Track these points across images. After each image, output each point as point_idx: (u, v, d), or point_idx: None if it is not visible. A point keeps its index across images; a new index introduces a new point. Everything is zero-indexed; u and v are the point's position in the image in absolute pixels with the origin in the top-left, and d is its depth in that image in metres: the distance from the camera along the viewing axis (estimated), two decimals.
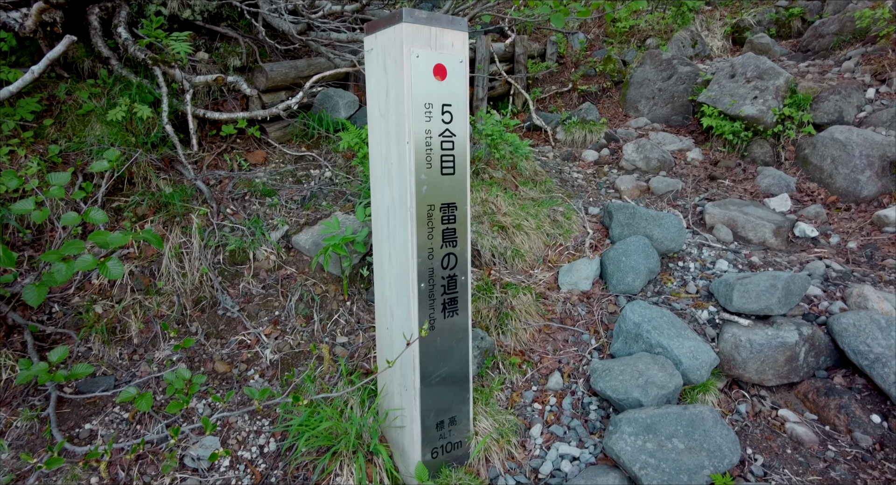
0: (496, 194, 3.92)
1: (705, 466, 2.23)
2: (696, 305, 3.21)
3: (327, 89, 4.41)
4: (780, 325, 2.92)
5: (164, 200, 3.41)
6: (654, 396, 2.54)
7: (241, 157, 3.98)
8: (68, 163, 3.42)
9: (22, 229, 3.10)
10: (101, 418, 2.54)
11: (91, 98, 3.66)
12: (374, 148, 2.37)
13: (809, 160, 4.87)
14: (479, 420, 2.55)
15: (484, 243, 3.55)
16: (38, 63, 3.08)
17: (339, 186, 3.88)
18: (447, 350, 2.33)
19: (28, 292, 2.39)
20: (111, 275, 2.29)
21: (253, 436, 2.56)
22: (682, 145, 5.55)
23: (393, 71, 2.13)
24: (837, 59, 6.25)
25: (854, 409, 2.64)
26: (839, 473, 2.38)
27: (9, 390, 2.56)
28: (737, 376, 2.86)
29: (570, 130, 5.75)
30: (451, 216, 2.27)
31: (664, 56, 6.45)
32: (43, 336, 2.82)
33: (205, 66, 4.15)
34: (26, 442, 2.40)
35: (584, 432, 2.62)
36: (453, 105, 2.20)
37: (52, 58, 3.07)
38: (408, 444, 2.36)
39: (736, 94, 5.39)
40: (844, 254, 3.80)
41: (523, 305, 3.24)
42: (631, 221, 3.74)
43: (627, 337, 2.94)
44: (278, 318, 3.10)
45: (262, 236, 3.40)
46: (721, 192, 4.73)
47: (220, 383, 2.79)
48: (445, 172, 2.21)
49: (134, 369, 2.78)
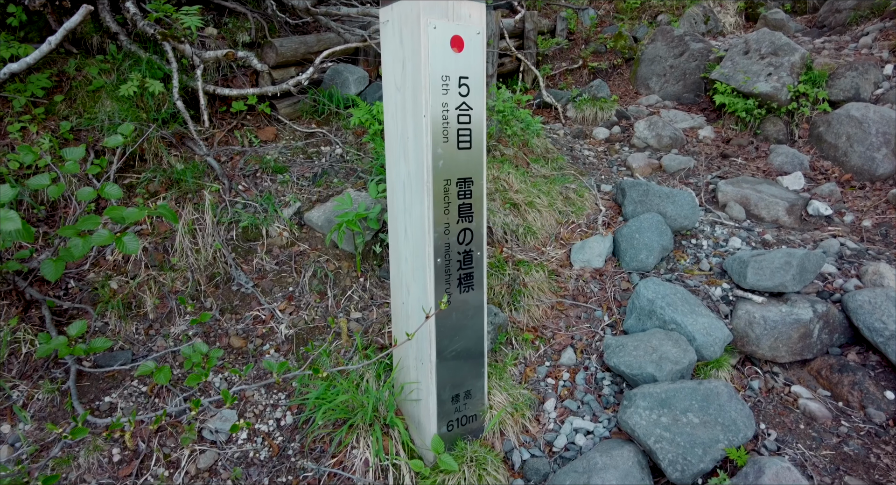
0: (508, 172, 3.90)
1: (720, 440, 2.24)
2: (710, 282, 3.20)
3: (337, 65, 4.37)
4: (795, 302, 2.91)
5: (175, 176, 3.40)
6: (669, 371, 2.55)
7: (252, 133, 3.95)
8: (80, 139, 3.41)
9: (36, 206, 3.11)
10: (121, 392, 2.57)
11: (101, 74, 3.64)
12: (389, 122, 2.35)
13: (824, 138, 4.81)
14: (494, 394, 2.56)
15: (496, 221, 3.54)
16: (55, 33, 3.05)
17: (351, 162, 3.87)
18: (462, 325, 2.34)
19: (46, 267, 2.41)
20: (127, 250, 2.30)
21: (270, 409, 2.59)
22: (693, 123, 5.49)
23: (409, 43, 2.09)
24: (854, 35, 6.13)
25: (868, 385, 2.65)
26: (852, 448, 2.40)
27: (29, 363, 2.59)
28: (750, 353, 2.87)
29: (581, 107, 5.69)
30: (468, 191, 2.25)
31: (676, 32, 6.35)
32: (60, 311, 2.85)
33: (214, 41, 4.11)
34: (48, 414, 2.43)
35: (598, 406, 2.64)
36: (470, 78, 2.17)
37: (68, 28, 3.05)
38: (423, 417, 2.38)
39: (749, 70, 5.31)
40: (859, 232, 3.78)
41: (536, 282, 3.24)
42: (644, 197, 3.71)
43: (641, 314, 2.94)
44: (292, 294, 3.11)
45: (275, 213, 3.40)
46: (733, 170, 4.68)
47: (235, 357, 2.81)
48: (462, 146, 2.19)
49: (150, 343, 2.81)
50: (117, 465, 2.30)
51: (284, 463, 2.39)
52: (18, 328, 2.67)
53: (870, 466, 2.32)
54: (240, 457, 2.39)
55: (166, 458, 2.34)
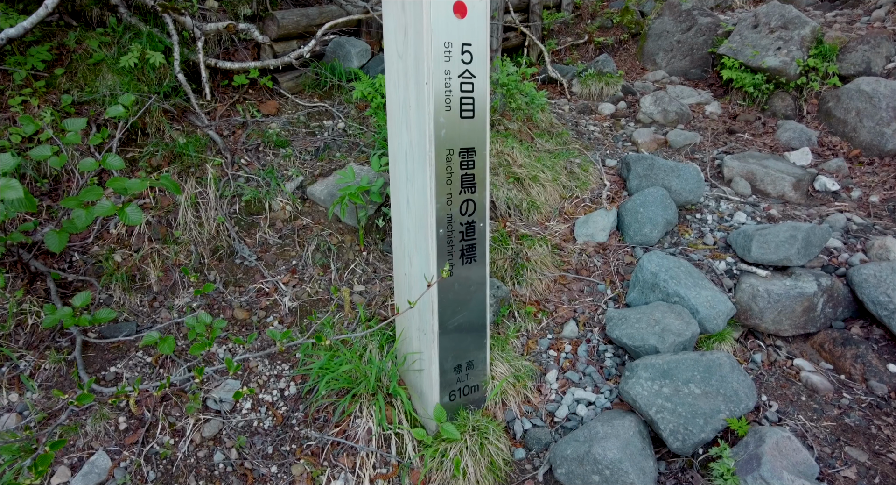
0: (512, 146, 3.86)
1: (721, 410, 2.25)
2: (714, 256, 3.18)
3: (339, 38, 4.31)
4: (799, 276, 2.90)
5: (178, 150, 3.39)
6: (671, 343, 2.55)
7: (254, 107, 3.93)
8: (81, 113, 3.39)
9: (39, 179, 3.11)
10: (126, 362, 2.59)
11: (101, 47, 3.60)
12: (391, 91, 2.33)
13: (833, 113, 4.74)
14: (496, 365, 2.58)
15: (500, 195, 3.52)
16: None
17: (353, 137, 3.84)
18: (465, 297, 2.34)
19: (50, 238, 2.41)
20: (130, 221, 2.30)
21: (273, 380, 2.61)
22: (700, 99, 5.42)
23: (412, 8, 2.06)
24: (867, 8, 6.00)
25: (870, 358, 2.64)
26: (853, 419, 2.40)
27: (35, 334, 2.62)
28: (753, 326, 2.87)
29: (587, 82, 5.62)
30: (471, 161, 2.23)
31: (684, 7, 6.23)
32: (65, 283, 2.86)
33: (215, 14, 4.05)
34: (55, 383, 2.46)
35: (600, 378, 2.65)
36: (473, 45, 2.13)
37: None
38: (426, 387, 2.40)
39: (758, 45, 5.21)
40: (866, 207, 3.74)
41: (539, 256, 3.23)
42: (649, 172, 3.68)
43: (644, 287, 2.93)
44: (295, 267, 3.12)
45: (278, 187, 3.39)
46: (740, 145, 4.63)
47: (239, 329, 2.83)
48: (465, 115, 2.17)
49: (154, 315, 2.83)
50: (123, 433, 2.33)
51: (288, 432, 2.41)
52: (24, 300, 2.69)
53: (870, 437, 2.32)
54: (244, 426, 2.42)
55: (171, 427, 2.37)
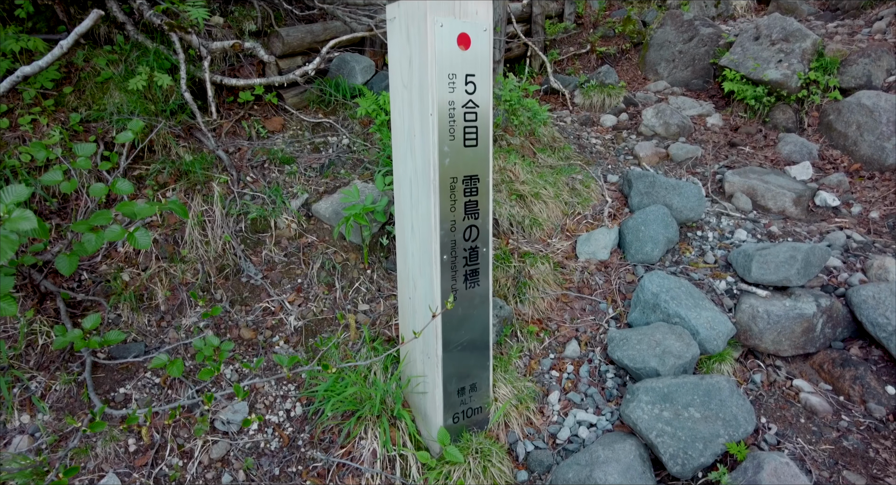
0: (514, 162, 3.90)
1: (720, 434, 2.28)
2: (714, 275, 3.22)
3: (343, 54, 4.35)
4: (799, 296, 2.93)
5: (184, 168, 3.43)
6: (671, 365, 2.59)
7: (259, 123, 3.97)
8: (89, 131, 3.44)
9: (49, 198, 3.15)
10: (135, 383, 2.63)
11: (109, 65, 3.65)
12: (396, 119, 2.36)
13: (833, 126, 4.77)
14: (499, 387, 2.61)
15: (502, 212, 3.56)
16: (67, 38, 3.08)
17: (357, 153, 3.88)
18: (468, 319, 2.38)
19: (60, 262, 2.45)
20: (139, 245, 2.34)
21: (280, 400, 2.65)
22: (702, 110, 5.45)
23: (416, 40, 2.10)
24: (868, 19, 6.03)
25: (869, 380, 2.67)
26: (852, 442, 2.44)
27: (46, 354, 2.66)
28: (753, 346, 2.90)
29: (589, 93, 5.66)
30: (474, 188, 2.27)
31: (685, 17, 6.26)
32: (74, 303, 2.91)
33: (220, 30, 4.10)
34: (66, 404, 2.51)
35: (601, 399, 2.69)
36: (477, 75, 2.17)
37: (79, 33, 3.09)
38: (430, 409, 2.43)
39: (760, 57, 5.24)
40: (866, 224, 3.77)
41: (541, 274, 3.26)
42: (650, 189, 3.71)
43: (645, 307, 2.97)
44: (301, 285, 3.16)
45: (283, 205, 3.43)
46: (741, 159, 4.66)
47: (246, 348, 2.87)
48: (468, 143, 2.21)
49: (163, 335, 2.87)
50: (133, 455, 2.37)
51: (294, 453, 2.45)
52: (34, 320, 2.73)
53: (868, 460, 2.36)
54: (251, 447, 2.46)
55: (180, 448, 2.41)
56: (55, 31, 3.73)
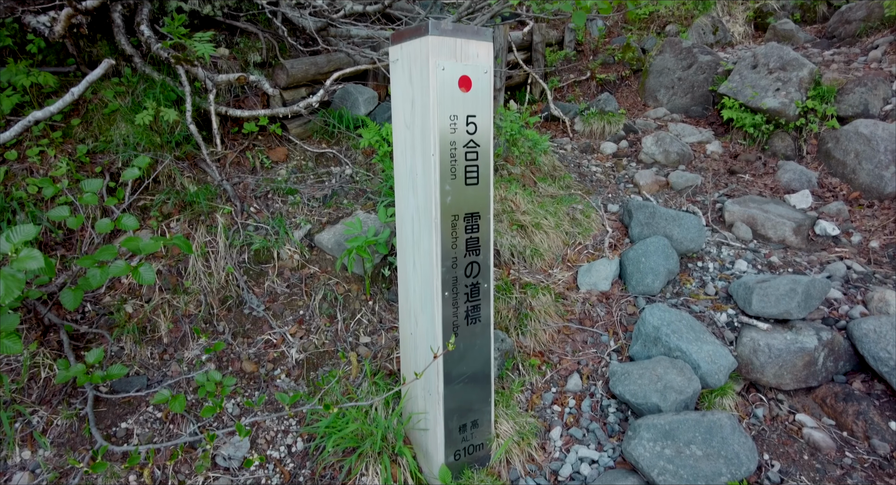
0: (515, 192, 3.93)
1: (723, 473, 2.27)
2: (715, 307, 3.22)
3: (347, 85, 4.42)
4: (800, 329, 2.94)
5: (188, 198, 3.47)
6: (673, 401, 2.59)
7: (263, 154, 4.02)
8: (95, 162, 3.49)
9: (54, 230, 3.18)
10: (136, 418, 2.64)
11: (116, 97, 3.71)
12: (398, 157, 2.40)
13: (832, 154, 4.81)
14: (501, 422, 2.61)
15: (503, 242, 3.58)
16: (78, 85, 3.18)
17: (360, 183, 3.92)
18: (469, 355, 2.39)
19: (65, 296, 2.47)
20: (143, 280, 2.36)
21: (281, 435, 2.65)
22: (701, 137, 5.50)
23: (419, 82, 2.14)
24: (864, 48, 6.11)
25: (872, 415, 2.67)
26: (856, 480, 2.42)
27: (48, 388, 2.67)
28: (754, 380, 2.90)
29: (589, 120, 5.72)
30: (475, 225, 2.30)
31: (684, 44, 6.35)
32: (78, 335, 2.92)
33: (225, 62, 4.17)
34: (67, 440, 2.50)
35: (603, 435, 2.68)
36: (477, 116, 2.22)
37: (91, 80, 3.18)
38: (431, 446, 2.43)
39: (758, 85, 5.31)
40: (866, 254, 3.78)
41: (542, 305, 3.28)
42: (651, 220, 3.74)
43: (647, 340, 2.97)
44: (303, 317, 3.17)
45: (286, 235, 3.46)
46: (741, 187, 4.70)
47: (247, 382, 2.87)
48: (469, 182, 2.24)
49: (165, 368, 2.88)
50: None
51: None
52: (38, 353, 2.74)
53: None
54: (252, 484, 2.45)
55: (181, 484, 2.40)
56: (64, 64, 3.81)
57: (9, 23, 3.53)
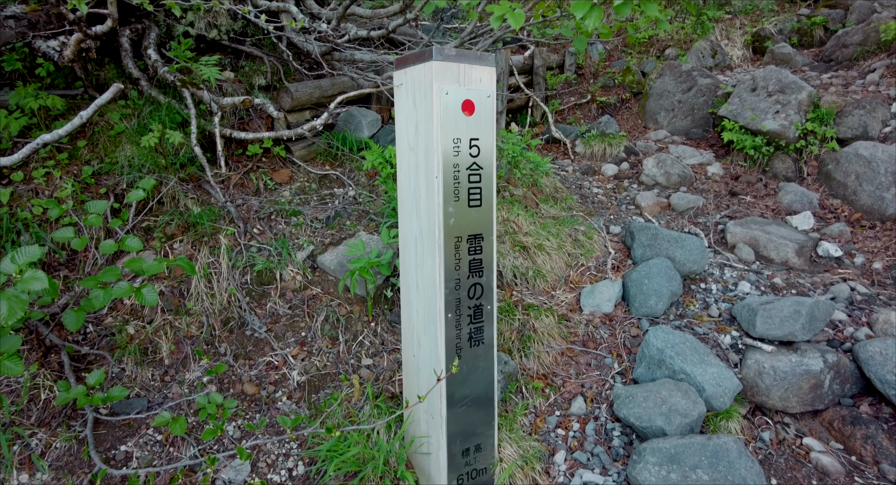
0: (517, 213, 3.95)
1: None
2: (719, 329, 3.21)
3: (350, 108, 4.47)
4: (805, 351, 2.92)
5: (192, 219, 3.48)
6: (678, 424, 2.56)
7: (267, 175, 4.05)
8: (100, 184, 3.51)
9: (58, 251, 3.19)
10: (136, 440, 2.61)
11: (122, 119, 3.75)
12: (402, 179, 2.42)
13: (833, 176, 4.84)
14: (504, 446, 2.58)
15: (506, 264, 3.58)
16: (87, 109, 3.23)
17: (363, 205, 3.94)
18: (473, 378, 2.37)
19: (68, 318, 2.47)
20: (146, 302, 2.36)
21: (282, 459, 2.62)
22: (702, 159, 5.53)
23: (422, 106, 2.17)
24: (861, 71, 6.18)
25: (881, 439, 2.63)
26: None
27: (48, 410, 2.65)
28: (760, 403, 2.87)
29: (590, 143, 5.76)
30: (478, 247, 2.31)
31: (684, 67, 6.43)
32: (79, 356, 2.91)
33: (230, 85, 4.23)
34: (65, 463, 2.48)
35: (608, 458, 2.64)
36: (481, 139, 2.24)
37: (99, 104, 3.23)
38: (434, 470, 2.40)
39: (757, 108, 5.36)
40: (870, 275, 3.78)
41: (546, 327, 3.26)
42: (653, 242, 3.74)
43: (651, 363, 2.95)
44: (304, 339, 3.16)
45: (289, 257, 3.47)
46: (742, 208, 4.71)
47: (249, 404, 2.85)
48: (472, 204, 2.25)
49: (166, 390, 2.86)
50: None
51: None
52: (38, 374, 2.73)
53: None
54: None
55: None
56: (72, 87, 3.86)
57: (19, 47, 3.59)
